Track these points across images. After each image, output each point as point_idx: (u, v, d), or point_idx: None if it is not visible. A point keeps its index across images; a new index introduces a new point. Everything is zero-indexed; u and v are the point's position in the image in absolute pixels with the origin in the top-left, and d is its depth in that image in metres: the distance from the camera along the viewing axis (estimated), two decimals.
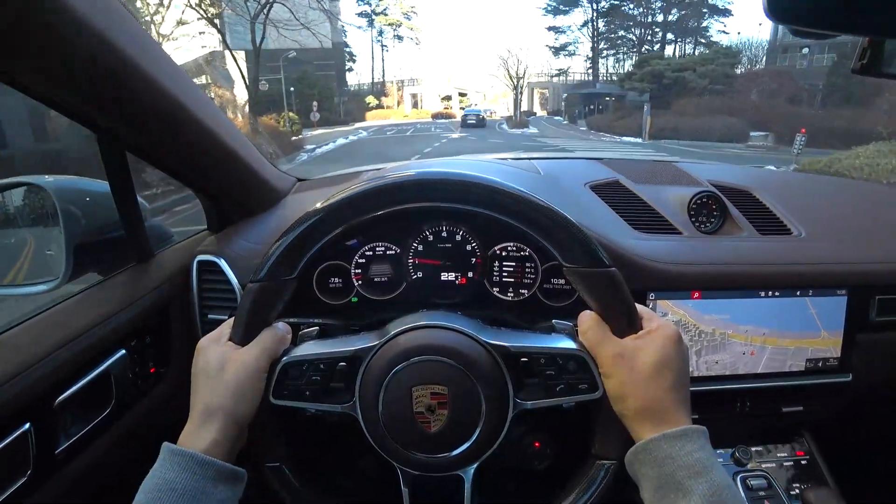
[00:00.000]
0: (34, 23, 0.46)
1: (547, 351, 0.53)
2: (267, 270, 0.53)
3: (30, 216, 0.82)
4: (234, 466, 0.48)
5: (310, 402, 0.54)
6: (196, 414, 0.50)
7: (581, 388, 0.52)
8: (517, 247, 0.78)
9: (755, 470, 0.91)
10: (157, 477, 0.45)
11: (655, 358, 0.48)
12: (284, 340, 0.55)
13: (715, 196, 0.94)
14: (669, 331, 0.50)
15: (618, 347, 0.50)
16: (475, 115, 33.69)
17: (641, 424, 0.48)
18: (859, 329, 0.86)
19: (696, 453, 0.44)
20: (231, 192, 0.89)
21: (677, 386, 0.49)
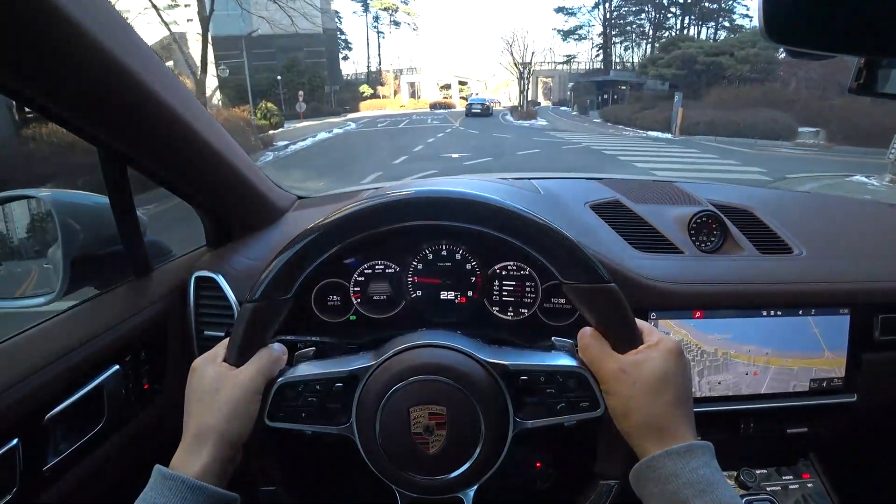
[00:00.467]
0: (36, 37, 0.46)
1: (546, 369, 0.52)
2: (262, 290, 0.52)
3: (28, 229, 0.82)
4: (226, 491, 0.47)
5: (306, 424, 0.53)
6: (189, 435, 0.49)
7: (582, 406, 0.51)
8: (517, 266, 0.78)
9: (760, 493, 0.89)
10: (148, 501, 0.44)
11: (657, 373, 0.48)
12: (280, 361, 0.54)
13: (715, 215, 0.95)
14: (671, 345, 0.50)
15: (619, 363, 0.49)
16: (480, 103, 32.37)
17: (645, 441, 0.47)
18: (863, 348, 0.85)
19: (701, 469, 0.43)
20: (231, 209, 0.89)
21: (680, 401, 0.48)
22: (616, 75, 35.37)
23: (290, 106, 24.81)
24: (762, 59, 23.09)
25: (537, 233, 0.52)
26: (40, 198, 0.74)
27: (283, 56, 35.51)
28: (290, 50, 36.21)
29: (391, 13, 55.23)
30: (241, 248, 0.88)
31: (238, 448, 0.50)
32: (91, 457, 0.66)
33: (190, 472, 0.46)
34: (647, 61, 29.31)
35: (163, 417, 0.78)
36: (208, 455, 0.47)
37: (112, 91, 0.56)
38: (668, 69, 25.90)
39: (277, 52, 35.57)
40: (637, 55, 39.26)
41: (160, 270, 0.85)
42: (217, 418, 0.49)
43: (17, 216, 0.80)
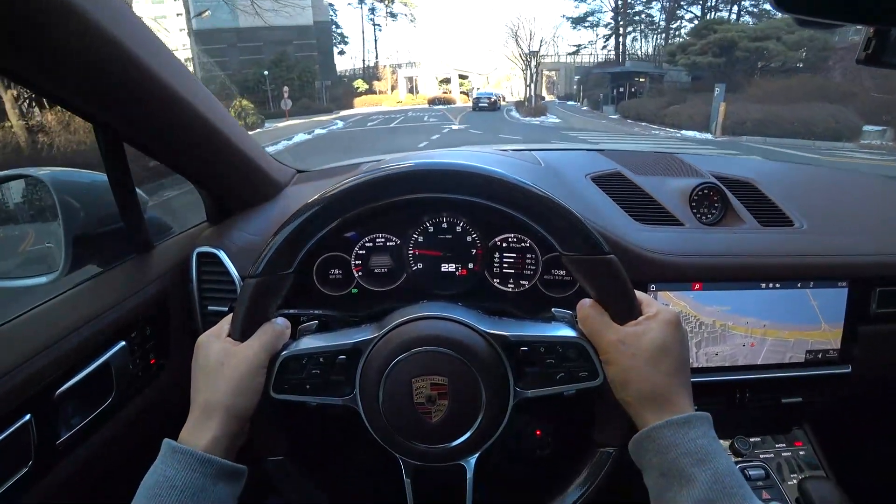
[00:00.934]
0: (31, 16, 0.45)
1: (546, 339, 0.53)
2: (264, 265, 0.53)
3: (28, 208, 0.82)
4: (234, 464, 0.49)
5: (310, 396, 0.54)
6: (196, 410, 0.50)
7: (581, 375, 0.52)
8: (518, 238, 0.78)
9: (753, 460, 0.92)
10: (158, 474, 0.45)
11: (656, 343, 0.48)
12: (284, 335, 0.55)
13: (716, 187, 0.94)
14: (669, 316, 0.50)
15: (618, 334, 0.50)
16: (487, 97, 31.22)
17: (644, 410, 0.48)
18: (860, 321, 0.86)
19: (700, 440, 0.44)
20: (230, 185, 0.89)
21: (678, 371, 0.49)
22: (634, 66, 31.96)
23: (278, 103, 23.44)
24: (817, 45, 18.86)
25: (537, 204, 0.52)
26: (38, 176, 0.74)
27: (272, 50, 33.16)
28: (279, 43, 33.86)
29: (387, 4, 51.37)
30: (242, 222, 0.88)
31: (245, 422, 0.51)
32: (102, 431, 0.67)
33: (199, 445, 0.47)
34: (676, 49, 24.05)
35: (169, 391, 0.79)
36: (216, 429, 0.49)
37: (106, 67, 0.55)
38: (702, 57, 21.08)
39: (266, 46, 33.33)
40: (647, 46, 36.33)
41: (161, 247, 0.86)
42: (223, 393, 0.50)
43: (16, 195, 0.80)
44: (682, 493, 0.43)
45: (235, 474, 0.49)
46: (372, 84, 47.97)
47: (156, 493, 0.44)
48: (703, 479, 0.42)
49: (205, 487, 0.45)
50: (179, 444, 0.47)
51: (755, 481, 0.88)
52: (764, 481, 0.88)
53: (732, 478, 0.43)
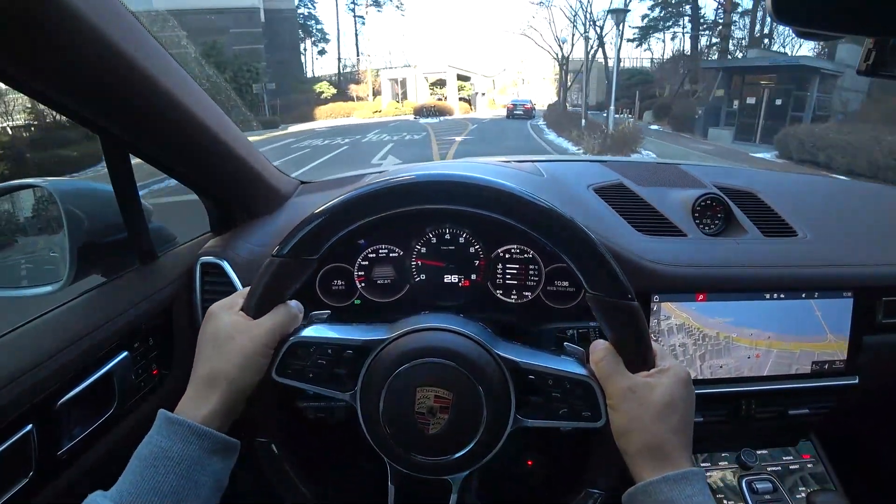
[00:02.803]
0: (37, 25, 0.46)
1: (556, 373, 0.52)
2: (291, 246, 0.52)
3: (34, 218, 0.82)
4: (229, 438, 0.48)
5: (312, 385, 0.54)
6: (199, 379, 0.50)
7: (584, 415, 0.52)
8: (521, 249, 0.78)
9: (760, 473, 0.90)
10: (153, 444, 0.45)
11: (665, 398, 0.48)
12: (296, 319, 0.55)
13: (719, 198, 0.94)
14: (681, 373, 0.50)
15: (629, 382, 0.49)
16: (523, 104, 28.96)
17: (642, 463, 0.47)
18: (866, 331, 0.85)
19: (696, 497, 0.44)
20: (234, 195, 0.89)
21: (683, 428, 0.49)
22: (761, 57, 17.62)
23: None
24: None
25: (571, 237, 0.51)
26: (44, 187, 0.74)
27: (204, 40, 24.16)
28: (212, 32, 25.40)
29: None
30: (246, 233, 0.88)
31: (244, 398, 0.51)
32: (103, 441, 0.67)
33: (196, 417, 0.47)
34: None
35: (171, 402, 0.79)
36: (216, 401, 0.48)
37: (112, 78, 0.56)
38: None
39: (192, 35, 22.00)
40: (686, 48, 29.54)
41: (165, 257, 0.86)
42: (230, 365, 0.50)
43: (22, 205, 0.80)
44: None
45: (230, 448, 0.48)
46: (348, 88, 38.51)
47: (150, 464, 0.44)
48: None
49: (200, 460, 0.45)
50: (176, 415, 0.47)
51: (762, 494, 0.87)
52: (772, 495, 0.87)
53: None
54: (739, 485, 0.88)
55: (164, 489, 0.43)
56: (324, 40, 41.99)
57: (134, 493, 0.43)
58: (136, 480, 0.44)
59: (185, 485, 0.44)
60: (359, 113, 33.17)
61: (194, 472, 0.45)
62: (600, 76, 30.91)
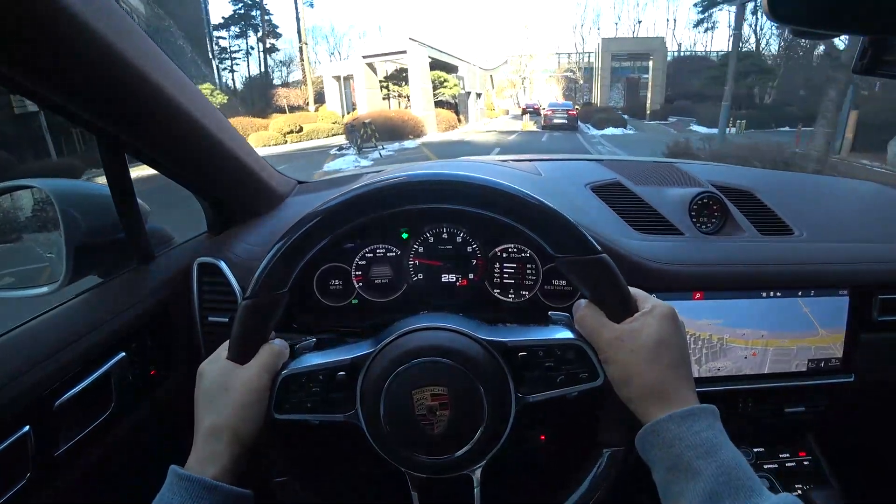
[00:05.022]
0: (32, 25, 0.46)
1: (544, 343, 0.53)
2: (258, 286, 0.53)
3: (31, 219, 0.82)
4: (241, 489, 0.48)
5: (312, 414, 0.54)
6: (202, 435, 0.50)
7: (582, 377, 0.52)
8: (518, 248, 0.78)
9: (757, 471, 0.91)
10: (165, 502, 0.45)
11: (654, 338, 0.48)
12: (283, 355, 0.55)
13: (716, 197, 0.94)
14: (665, 310, 0.50)
15: (615, 332, 0.50)
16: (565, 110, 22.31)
17: (647, 406, 0.47)
18: (862, 329, 0.85)
19: (704, 433, 0.44)
20: (232, 195, 0.89)
21: (678, 363, 0.49)
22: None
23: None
24: None
25: (529, 209, 0.52)
26: (41, 187, 0.74)
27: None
28: None
29: None
30: (243, 233, 0.88)
31: (249, 445, 0.51)
32: (101, 442, 0.67)
33: (206, 472, 0.47)
34: None
35: (169, 402, 0.79)
36: (223, 454, 0.48)
37: (108, 78, 0.56)
38: None
39: None
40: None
41: (162, 257, 0.86)
42: (229, 417, 0.50)
43: (19, 206, 0.80)
44: (688, 487, 0.42)
45: (242, 499, 0.48)
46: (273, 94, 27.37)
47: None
48: (708, 471, 0.42)
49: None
50: (185, 472, 0.47)
51: None
52: None
53: (739, 469, 0.42)
54: None
55: None
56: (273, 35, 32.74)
57: None
58: None
59: None
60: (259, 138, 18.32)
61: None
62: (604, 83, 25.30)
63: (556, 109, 22.83)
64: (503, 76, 43.50)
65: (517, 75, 43.08)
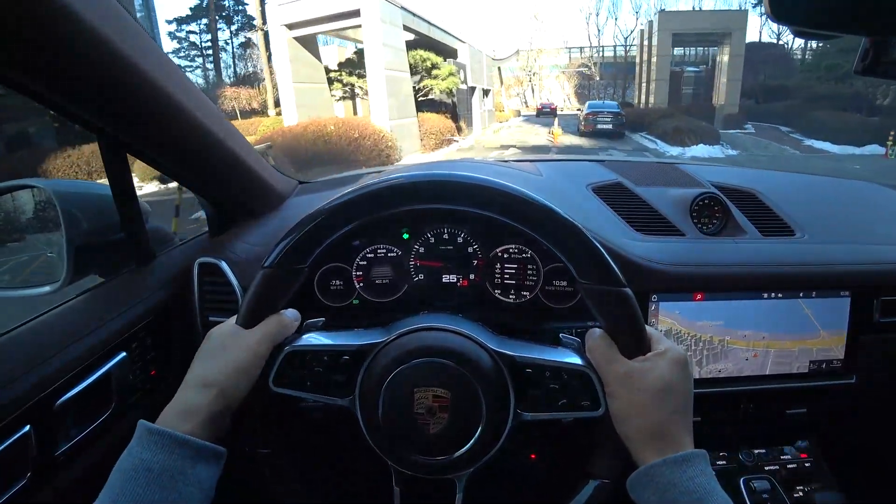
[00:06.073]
0: (34, 25, 0.46)
1: (553, 364, 0.52)
2: (280, 257, 0.53)
3: (32, 218, 0.82)
4: (214, 445, 0.47)
5: (310, 393, 0.54)
6: (186, 386, 0.50)
7: (583, 404, 0.52)
8: (519, 249, 0.78)
9: (759, 473, 0.90)
10: (134, 457, 0.44)
11: (663, 381, 0.48)
12: (289, 327, 0.55)
13: (717, 198, 0.94)
14: (677, 355, 0.50)
15: (626, 368, 0.49)
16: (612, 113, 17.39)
17: (644, 447, 0.47)
18: (863, 330, 0.85)
19: (698, 478, 0.44)
20: (233, 196, 0.89)
21: (682, 409, 0.49)
22: None
23: None
24: None
25: (561, 229, 0.52)
26: (42, 187, 0.74)
27: None
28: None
29: None
30: (243, 233, 0.88)
31: (231, 408, 0.51)
32: (101, 442, 0.67)
33: (178, 427, 0.46)
34: None
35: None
36: (202, 409, 0.48)
37: (110, 79, 0.56)
38: None
39: None
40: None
41: (163, 257, 0.86)
42: (220, 373, 0.50)
43: (21, 205, 0.80)
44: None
45: (215, 455, 0.47)
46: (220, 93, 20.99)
47: (131, 477, 0.43)
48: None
49: (183, 470, 0.44)
50: (155, 426, 0.46)
51: (760, 493, 0.87)
52: (769, 493, 0.87)
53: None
54: (738, 484, 0.88)
55: (146, 502, 0.42)
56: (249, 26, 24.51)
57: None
58: (117, 495, 0.42)
59: (168, 496, 0.43)
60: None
61: (178, 484, 0.43)
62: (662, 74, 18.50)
63: (598, 112, 17.32)
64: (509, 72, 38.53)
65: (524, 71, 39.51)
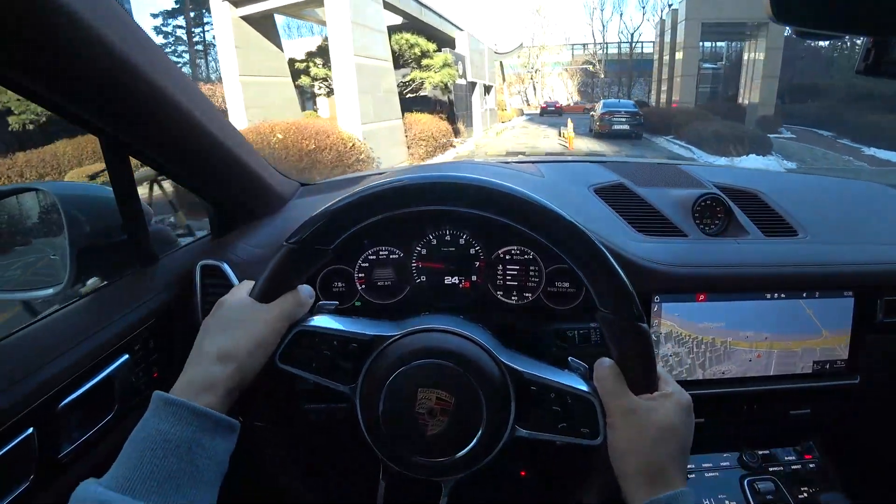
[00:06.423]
0: (36, 27, 0.46)
1: (559, 386, 0.52)
2: (307, 234, 0.52)
3: (36, 221, 0.82)
4: (230, 418, 0.47)
5: (314, 375, 0.54)
6: (203, 358, 0.49)
7: (583, 431, 0.51)
8: (521, 250, 0.78)
9: (762, 473, 0.90)
10: (150, 427, 0.43)
11: (666, 422, 0.48)
12: (305, 305, 0.55)
13: (719, 198, 0.94)
14: (683, 399, 0.50)
15: (631, 403, 0.49)
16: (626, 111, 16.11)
17: (636, 485, 0.47)
18: (867, 331, 0.85)
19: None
20: (235, 198, 0.89)
21: (679, 453, 0.49)
22: None
23: None
24: None
25: (589, 256, 0.50)
26: (46, 190, 0.74)
27: None
28: None
29: None
30: (246, 235, 0.88)
31: (247, 382, 0.50)
32: (104, 444, 0.67)
33: (194, 397, 0.45)
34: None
35: None
36: (220, 383, 0.47)
37: (112, 80, 0.56)
38: None
39: None
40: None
41: (165, 260, 0.86)
42: (241, 348, 0.49)
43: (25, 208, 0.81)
44: None
45: (231, 428, 0.47)
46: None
47: (147, 448, 0.42)
48: None
49: (201, 442, 0.43)
50: (172, 396, 0.45)
51: (764, 495, 0.86)
52: (774, 495, 0.87)
53: None
54: (741, 485, 0.88)
55: (162, 474, 0.41)
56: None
57: (130, 478, 0.40)
58: (133, 466, 0.41)
59: (184, 468, 0.42)
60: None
61: (195, 456, 0.43)
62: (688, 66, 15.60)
63: (614, 111, 16.02)
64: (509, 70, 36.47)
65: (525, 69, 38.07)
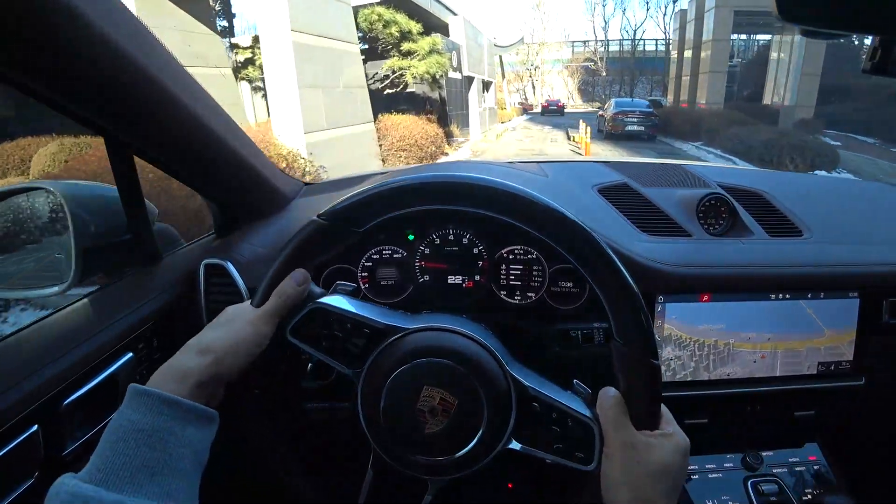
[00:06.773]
0: (40, 26, 0.46)
1: (561, 407, 0.52)
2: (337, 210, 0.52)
3: (41, 220, 0.83)
4: (205, 407, 0.47)
5: (322, 353, 0.54)
6: (185, 351, 0.50)
7: (577, 455, 0.51)
8: (524, 250, 0.78)
9: (766, 475, 0.90)
10: (123, 418, 0.44)
11: (664, 461, 0.48)
12: (293, 296, 0.54)
13: (723, 198, 0.94)
14: (683, 441, 0.50)
15: (631, 437, 0.49)
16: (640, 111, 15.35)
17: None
18: (872, 332, 0.85)
19: None
20: (238, 197, 0.89)
21: (672, 493, 0.49)
22: None
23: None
24: None
25: (619, 285, 0.50)
26: (51, 189, 0.75)
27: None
28: None
29: None
30: (250, 234, 0.88)
31: (222, 379, 0.50)
32: None
33: (168, 388, 0.46)
34: None
35: None
36: (193, 373, 0.47)
37: (116, 80, 0.56)
38: None
39: None
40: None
41: (169, 259, 0.86)
42: (220, 341, 0.50)
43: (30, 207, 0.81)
44: None
45: (207, 418, 0.47)
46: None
47: (120, 437, 0.43)
48: None
49: (172, 430, 0.44)
50: (144, 387, 0.45)
51: (768, 496, 0.86)
52: (777, 496, 0.86)
53: None
54: (745, 486, 0.88)
55: (136, 463, 0.41)
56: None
57: (105, 469, 0.41)
58: (107, 456, 0.42)
59: (158, 457, 0.42)
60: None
61: (168, 445, 0.43)
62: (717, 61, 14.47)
63: (627, 111, 15.08)
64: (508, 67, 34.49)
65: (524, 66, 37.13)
